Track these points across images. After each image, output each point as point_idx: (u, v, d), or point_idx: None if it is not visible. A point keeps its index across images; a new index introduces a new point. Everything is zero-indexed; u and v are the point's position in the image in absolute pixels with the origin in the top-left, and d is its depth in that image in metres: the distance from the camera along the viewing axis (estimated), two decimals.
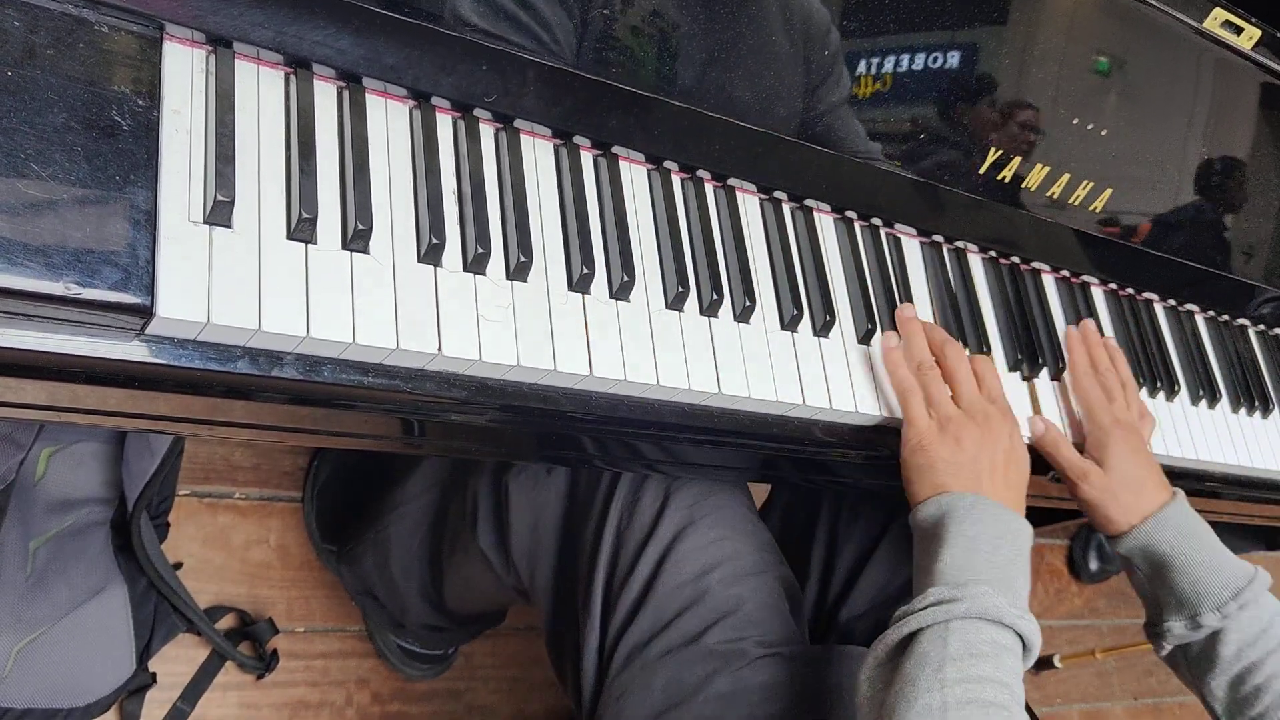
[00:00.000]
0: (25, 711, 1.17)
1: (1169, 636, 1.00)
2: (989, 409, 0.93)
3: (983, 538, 0.83)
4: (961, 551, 0.82)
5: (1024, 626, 0.79)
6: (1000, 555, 0.83)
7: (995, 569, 0.82)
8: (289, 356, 0.69)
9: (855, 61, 0.90)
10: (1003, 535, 0.84)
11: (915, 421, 0.91)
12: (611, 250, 0.84)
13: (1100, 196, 1.07)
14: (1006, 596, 0.79)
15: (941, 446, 0.90)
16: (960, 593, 0.78)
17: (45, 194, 0.60)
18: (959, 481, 0.88)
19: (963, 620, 0.77)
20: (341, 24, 0.72)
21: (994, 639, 0.77)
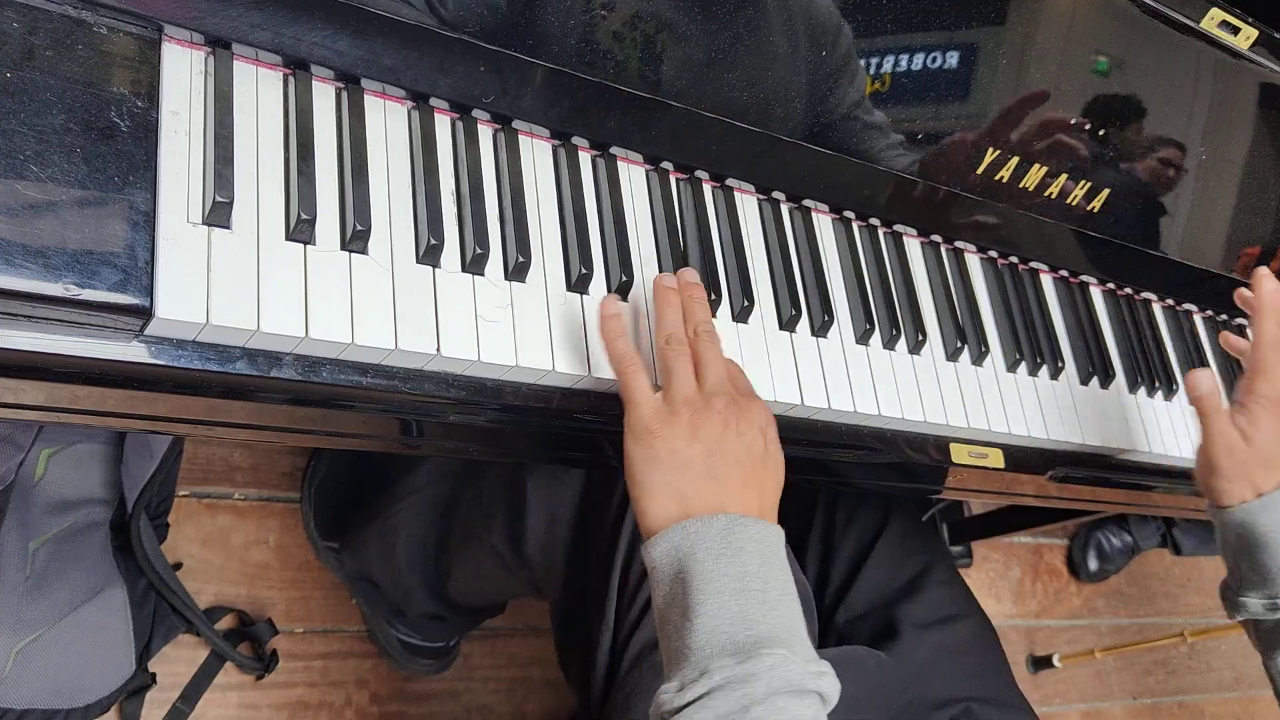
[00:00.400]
0: (25, 712, 1.17)
1: (1243, 610, 0.99)
2: (737, 397, 0.76)
3: (749, 573, 0.68)
4: (729, 598, 0.67)
5: (825, 685, 0.67)
6: (771, 591, 0.69)
7: (773, 611, 0.68)
8: (288, 357, 0.69)
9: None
10: (767, 561, 0.70)
11: (639, 401, 0.74)
12: (610, 251, 0.84)
13: (1098, 196, 1.07)
14: (801, 652, 0.67)
15: (673, 434, 0.73)
16: (752, 667, 0.64)
17: (44, 195, 0.60)
18: (701, 491, 0.72)
19: (763, 704, 0.63)
20: (340, 25, 0.72)
21: (798, 715, 0.65)
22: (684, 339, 0.78)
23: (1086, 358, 1.13)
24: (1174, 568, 2.41)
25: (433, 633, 1.43)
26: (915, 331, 0.99)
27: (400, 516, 1.31)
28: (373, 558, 1.36)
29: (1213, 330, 1.32)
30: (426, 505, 1.29)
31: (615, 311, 0.79)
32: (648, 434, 0.73)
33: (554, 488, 1.02)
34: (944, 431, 0.99)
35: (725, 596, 0.67)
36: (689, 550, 0.69)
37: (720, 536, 0.69)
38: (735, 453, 0.73)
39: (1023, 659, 2.09)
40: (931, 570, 1.12)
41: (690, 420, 0.73)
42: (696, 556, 0.69)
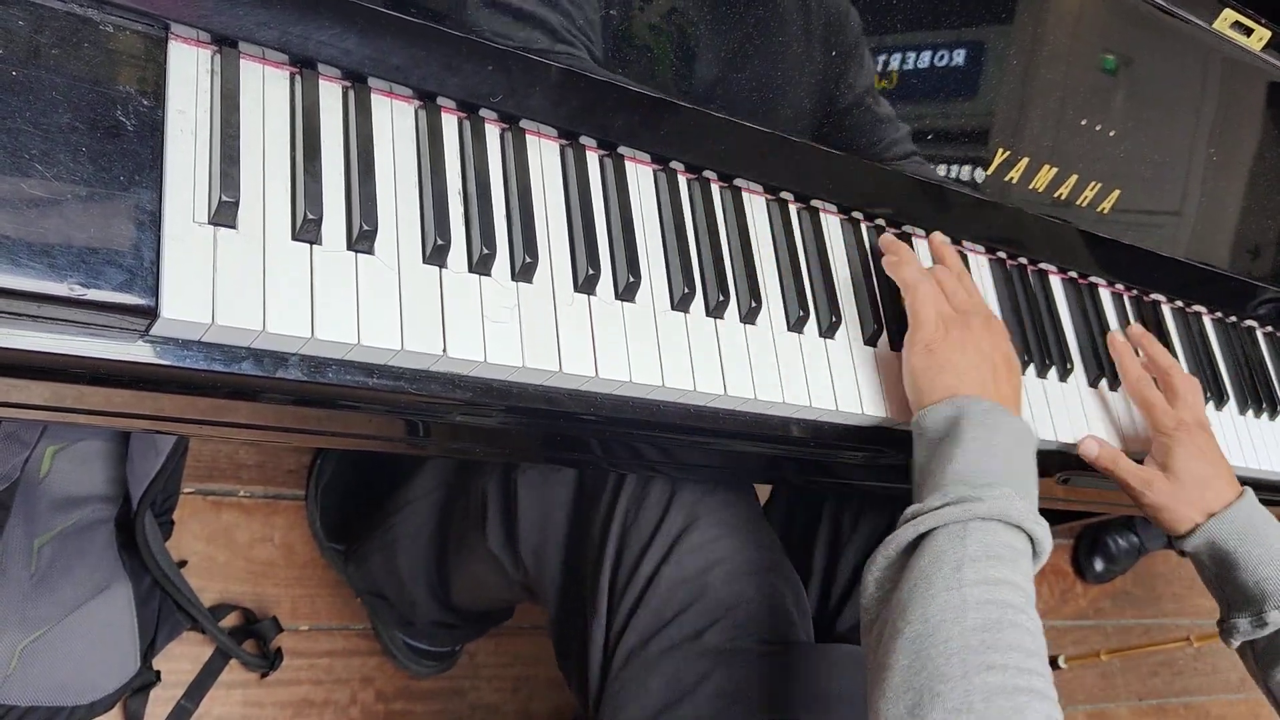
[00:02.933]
0: (29, 709, 1.17)
1: (1236, 634, 1.00)
2: (987, 312, 0.93)
3: (1000, 443, 0.82)
4: (980, 454, 0.80)
5: (1039, 532, 0.78)
6: (1015, 461, 0.82)
7: (1013, 474, 0.80)
8: (294, 358, 0.68)
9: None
10: (1019, 442, 0.83)
11: (924, 322, 0.90)
12: (617, 251, 0.84)
13: (1108, 197, 1.07)
14: (1025, 501, 0.78)
15: (949, 348, 0.88)
16: (981, 491, 0.77)
17: (50, 194, 0.60)
18: (968, 385, 0.87)
19: (982, 521, 0.75)
20: (347, 24, 0.72)
21: (1011, 542, 0.76)
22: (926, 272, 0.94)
23: (1095, 359, 1.12)
24: (1180, 569, 2.40)
25: (441, 639, 1.43)
26: None
27: (399, 529, 1.31)
28: (377, 570, 1.36)
29: (1222, 332, 1.31)
30: (424, 515, 1.29)
31: (906, 254, 0.96)
32: (930, 351, 0.89)
33: (545, 488, 1.02)
34: None
35: (975, 454, 0.80)
36: (958, 416, 0.84)
37: (984, 412, 0.84)
38: (994, 360, 0.90)
39: None
40: None
41: (959, 336, 0.89)
42: (963, 422, 0.83)
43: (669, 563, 0.93)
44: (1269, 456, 1.25)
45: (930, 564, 0.74)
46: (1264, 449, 1.25)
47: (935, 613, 0.70)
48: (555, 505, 1.01)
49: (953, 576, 0.72)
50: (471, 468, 1.16)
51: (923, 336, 0.90)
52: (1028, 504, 0.78)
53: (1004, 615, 0.70)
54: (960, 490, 0.77)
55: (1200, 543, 1.00)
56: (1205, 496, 1.01)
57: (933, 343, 0.89)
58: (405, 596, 1.34)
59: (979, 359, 0.89)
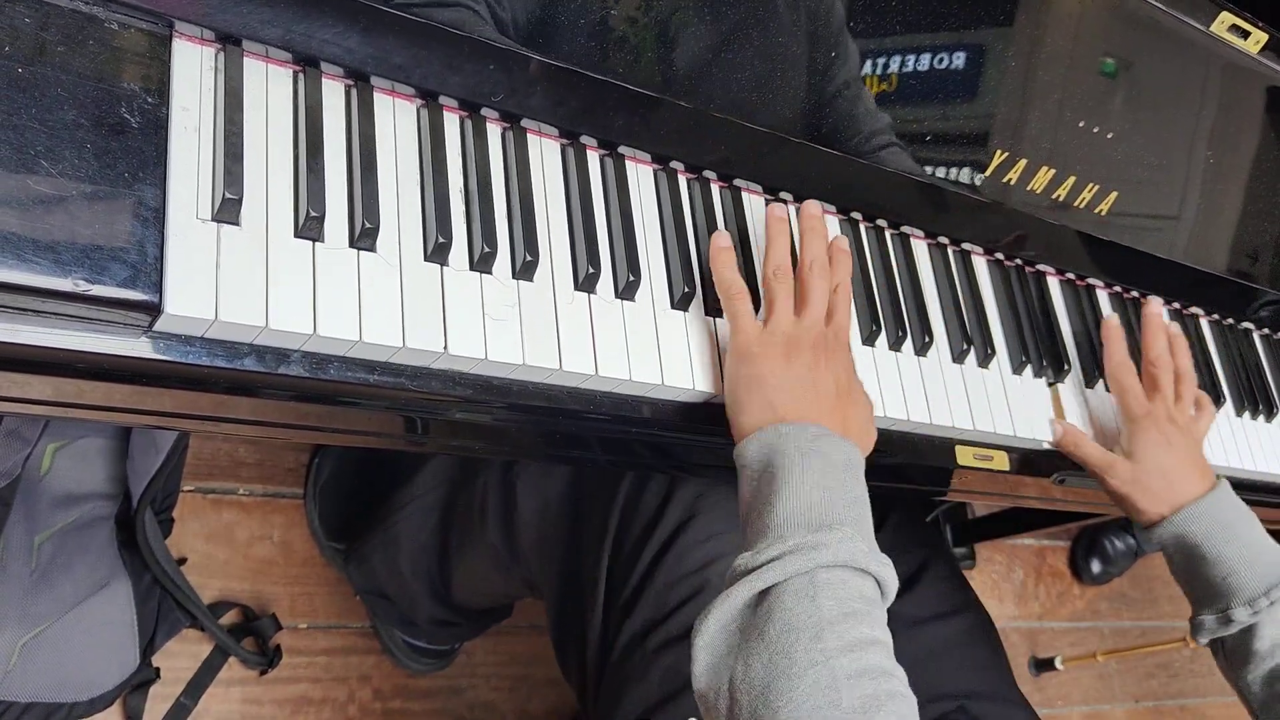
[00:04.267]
0: (29, 705, 1.17)
1: (1202, 631, 0.99)
2: (828, 335, 0.83)
3: (831, 473, 0.73)
4: (810, 488, 0.72)
5: (885, 574, 0.71)
6: (850, 493, 0.74)
7: (848, 506, 0.73)
8: (296, 354, 0.69)
9: (861, 62, 0.90)
10: (848, 469, 0.75)
11: (744, 327, 0.81)
12: (617, 250, 0.84)
13: (1106, 199, 1.07)
14: (866, 540, 0.72)
15: (772, 359, 0.79)
16: (822, 538, 0.69)
17: (55, 190, 0.60)
18: (794, 404, 0.78)
19: (828, 570, 0.68)
20: (350, 22, 0.72)
21: (862, 592, 0.69)
22: (789, 271, 0.84)
23: (1092, 361, 1.13)
24: None
25: (441, 637, 1.43)
26: (921, 333, 0.99)
27: (400, 526, 1.31)
28: (378, 569, 1.36)
29: (1219, 334, 1.32)
30: (425, 512, 1.29)
31: (727, 245, 0.86)
32: (749, 356, 0.80)
33: (544, 481, 1.03)
34: (949, 433, 0.99)
35: (806, 488, 0.72)
36: (780, 447, 0.75)
37: (809, 439, 0.75)
38: (823, 383, 0.80)
39: (1025, 661, 2.09)
40: (928, 566, 1.11)
41: (785, 348, 0.80)
42: (786, 452, 0.74)
43: (667, 557, 0.93)
44: (1265, 458, 1.25)
45: (783, 634, 0.66)
46: (1260, 451, 1.26)
47: (804, 696, 0.63)
48: (554, 498, 1.02)
49: (814, 648, 0.64)
50: (473, 466, 1.17)
51: (741, 340, 0.81)
52: (870, 543, 0.72)
53: (879, 686, 0.64)
54: (797, 535, 0.69)
55: (1166, 536, 0.99)
56: (1173, 488, 0.99)
57: (751, 347, 0.80)
58: (406, 594, 1.34)
59: (805, 374, 0.80)
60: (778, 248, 0.85)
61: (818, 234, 0.87)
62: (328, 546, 1.43)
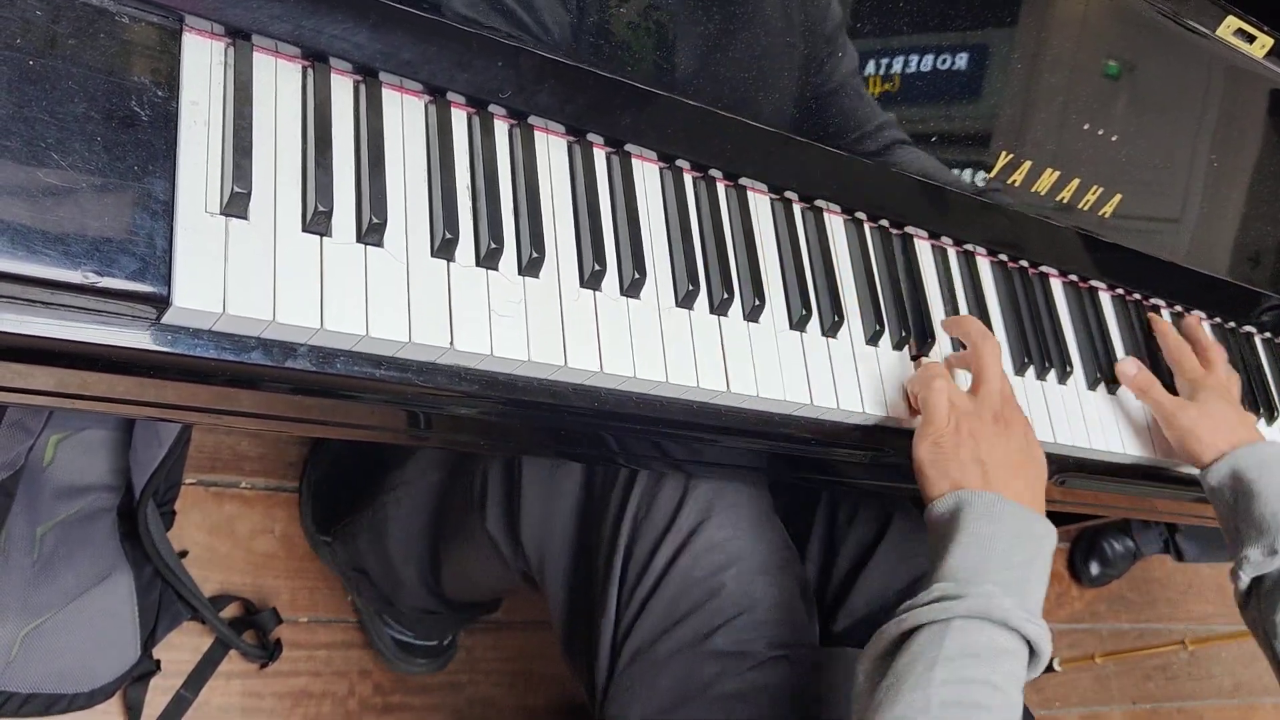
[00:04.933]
0: (30, 696, 1.17)
1: (1245, 565, 1.00)
2: (1006, 407, 0.91)
3: (999, 536, 0.81)
4: (973, 549, 0.80)
5: (1031, 631, 0.77)
6: (1016, 556, 0.80)
7: (1009, 569, 0.79)
8: (302, 348, 0.69)
9: (864, 62, 0.90)
10: (1020, 535, 0.82)
11: (935, 418, 0.89)
12: (623, 247, 0.84)
13: (1110, 201, 1.07)
14: (1016, 598, 0.77)
15: (958, 443, 0.87)
16: (965, 589, 0.76)
17: (65, 183, 0.61)
18: (976, 478, 0.85)
19: (964, 619, 0.75)
20: (359, 18, 0.72)
21: (994, 641, 0.75)
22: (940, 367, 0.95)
23: (1094, 362, 1.13)
24: (1176, 574, 2.41)
25: (426, 629, 1.42)
26: (924, 334, 1.00)
27: (390, 508, 1.31)
28: (363, 548, 1.36)
29: (1221, 337, 1.32)
30: (418, 497, 1.28)
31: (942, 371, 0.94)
32: (939, 446, 0.88)
33: (552, 481, 1.02)
34: None
35: (971, 548, 0.80)
36: (960, 510, 0.83)
37: (986, 505, 0.83)
38: (1006, 452, 0.88)
39: None
40: None
41: (971, 429, 0.88)
42: (963, 515, 0.82)
43: (681, 560, 0.93)
44: None
45: (906, 663, 0.74)
46: None
47: (901, 711, 0.71)
48: (562, 497, 1.01)
49: (924, 675, 0.72)
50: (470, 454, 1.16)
51: (933, 428, 0.89)
52: (1018, 599, 0.77)
53: (967, 715, 0.70)
54: (945, 587, 0.77)
55: (1224, 471, 1.04)
56: (1233, 430, 1.06)
57: (941, 438, 0.88)
58: (392, 578, 1.34)
59: (991, 450, 0.87)
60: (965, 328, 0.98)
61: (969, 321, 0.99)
62: (319, 541, 1.43)
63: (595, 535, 0.98)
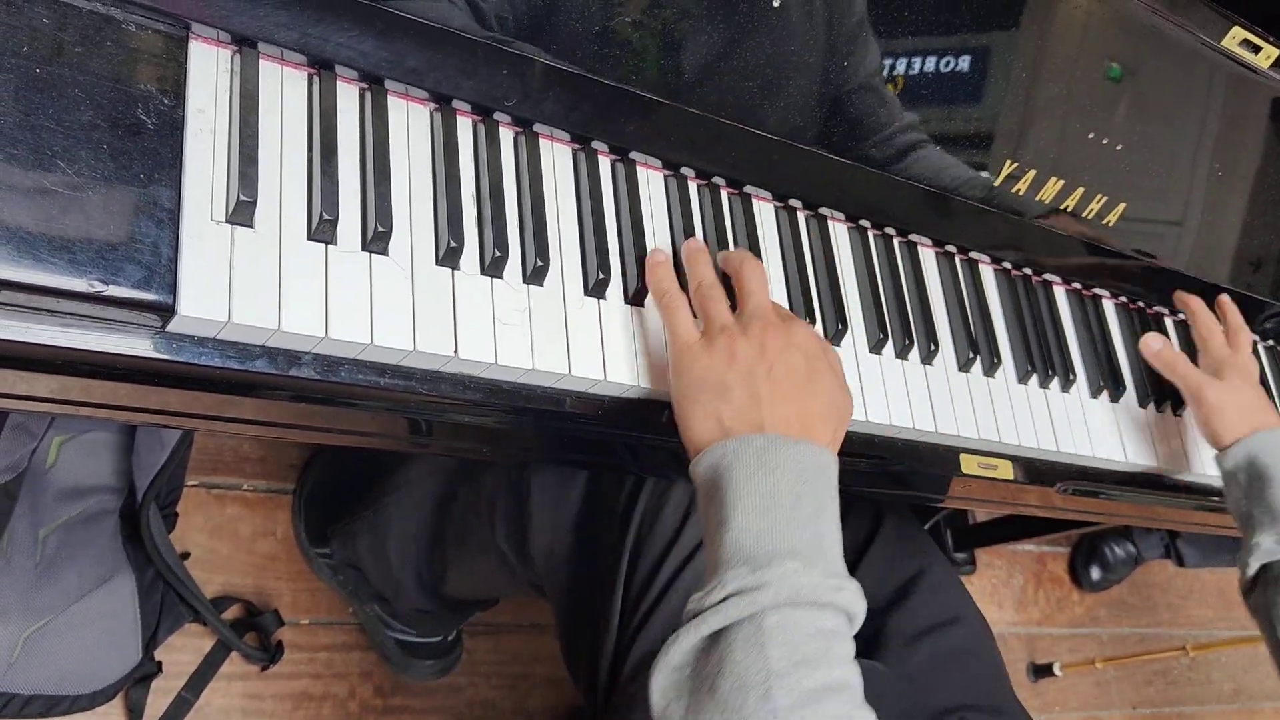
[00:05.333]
0: (31, 697, 1.17)
1: (1255, 552, 1.01)
2: (774, 319, 0.77)
3: (780, 491, 0.68)
4: (756, 515, 0.68)
5: (844, 599, 0.67)
6: (803, 509, 0.69)
7: (799, 528, 0.68)
8: (307, 356, 0.69)
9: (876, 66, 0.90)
10: (804, 479, 0.70)
11: (679, 332, 0.78)
12: (628, 256, 0.84)
13: (1114, 210, 1.07)
14: (819, 566, 0.67)
15: (711, 361, 0.74)
16: (764, 576, 0.65)
17: (71, 191, 0.61)
18: (735, 409, 0.72)
19: (774, 610, 0.64)
20: (365, 26, 0.72)
21: (817, 627, 0.65)
22: (716, 282, 0.81)
23: (1098, 371, 1.13)
24: (1176, 578, 2.41)
25: (426, 626, 1.42)
26: (928, 341, 1.00)
27: (390, 511, 1.31)
28: (363, 549, 1.36)
29: None
30: (419, 501, 1.28)
31: (663, 260, 0.83)
32: (685, 368, 0.76)
33: (560, 488, 1.02)
34: (954, 442, 0.99)
35: (751, 514, 0.68)
36: (726, 468, 0.70)
37: (756, 455, 0.70)
38: (774, 373, 0.74)
39: (1024, 667, 2.09)
40: (924, 575, 1.09)
41: (727, 345, 0.75)
42: (731, 474, 0.70)
43: (686, 573, 0.92)
44: None
45: (733, 691, 0.63)
46: None
47: None
48: (569, 505, 1.01)
49: (763, 708, 0.61)
50: (474, 462, 1.16)
51: (677, 347, 0.77)
52: (822, 566, 0.67)
53: None
54: (740, 576, 0.66)
55: (1241, 455, 1.04)
56: (1255, 414, 1.06)
57: (686, 353, 0.76)
58: (390, 581, 1.34)
59: (754, 366, 0.74)
60: (699, 268, 0.83)
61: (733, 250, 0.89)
62: (314, 555, 1.42)
63: (600, 546, 0.98)
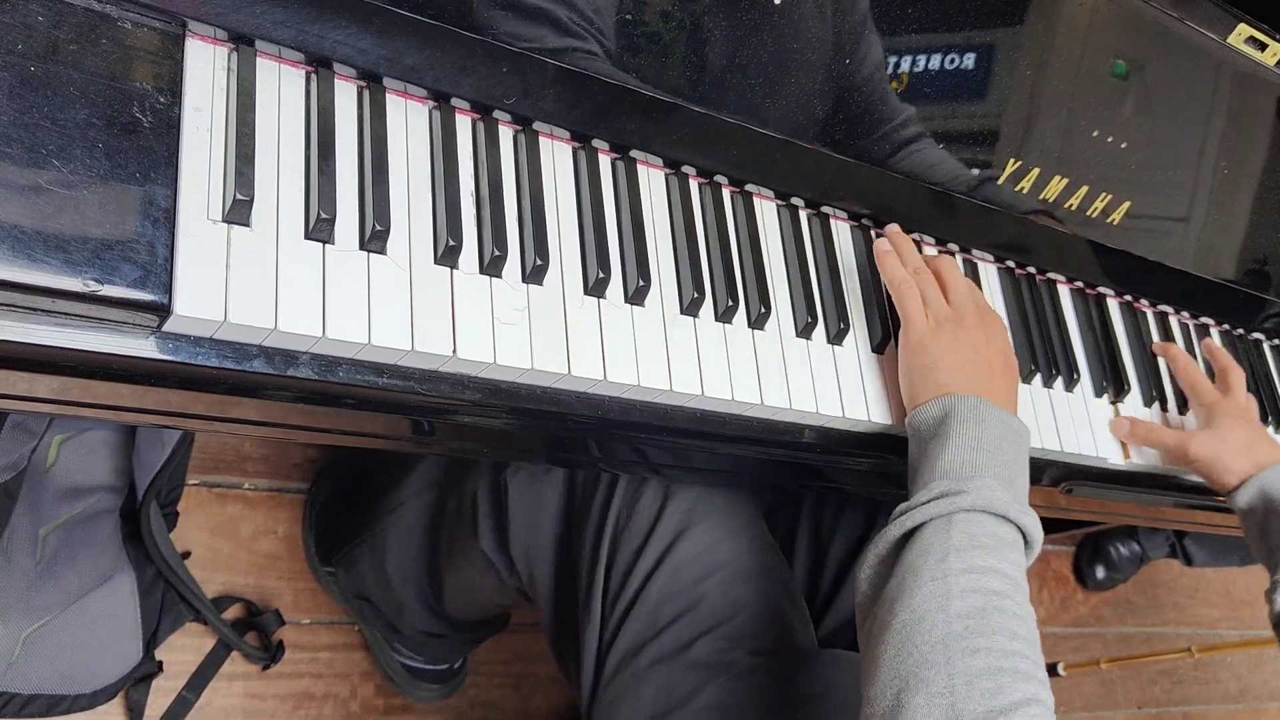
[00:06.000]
0: (32, 697, 1.17)
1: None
2: (984, 309, 0.92)
3: (986, 437, 0.82)
4: (965, 449, 0.81)
5: (1026, 521, 0.79)
6: (1002, 454, 0.82)
7: (998, 466, 0.81)
8: (304, 356, 0.69)
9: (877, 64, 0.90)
10: (1005, 435, 0.83)
11: (913, 320, 0.90)
12: (628, 254, 0.84)
13: (1119, 209, 1.07)
14: (1009, 492, 0.79)
15: (940, 346, 0.88)
16: (964, 485, 0.78)
17: (66, 190, 0.60)
18: (960, 382, 0.86)
19: (966, 513, 0.76)
20: (363, 24, 0.72)
21: (996, 532, 0.76)
22: (925, 266, 0.94)
23: (1101, 370, 1.13)
24: (1182, 578, 2.40)
25: (433, 653, 1.41)
26: None
27: (387, 533, 1.30)
28: (365, 575, 1.35)
29: (1230, 344, 1.31)
30: (413, 519, 1.28)
31: (889, 248, 0.95)
32: (923, 349, 0.89)
33: (536, 489, 1.02)
34: None
35: (961, 450, 0.81)
36: (946, 413, 0.84)
37: (972, 408, 0.84)
38: (989, 357, 0.89)
39: None
40: None
41: (953, 333, 0.89)
42: (950, 419, 0.83)
43: (663, 568, 0.93)
44: None
45: (917, 557, 0.75)
46: None
47: (921, 603, 0.71)
48: (546, 507, 1.01)
49: (938, 567, 0.73)
50: (461, 471, 1.16)
51: (914, 333, 0.90)
52: (1012, 494, 0.79)
53: (989, 602, 0.71)
54: (944, 485, 0.78)
55: (1252, 493, 1.03)
56: (1255, 450, 1.05)
57: (924, 340, 0.89)
58: (393, 602, 1.33)
59: (971, 355, 0.88)
60: (907, 251, 0.95)
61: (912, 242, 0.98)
62: (322, 573, 1.42)
63: (578, 545, 0.98)
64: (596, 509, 0.97)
